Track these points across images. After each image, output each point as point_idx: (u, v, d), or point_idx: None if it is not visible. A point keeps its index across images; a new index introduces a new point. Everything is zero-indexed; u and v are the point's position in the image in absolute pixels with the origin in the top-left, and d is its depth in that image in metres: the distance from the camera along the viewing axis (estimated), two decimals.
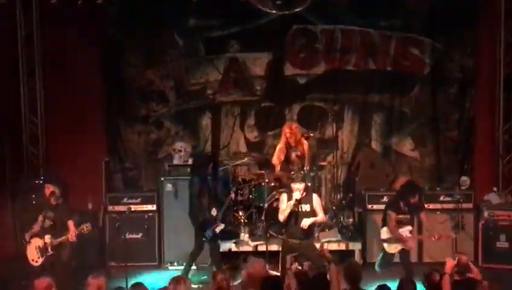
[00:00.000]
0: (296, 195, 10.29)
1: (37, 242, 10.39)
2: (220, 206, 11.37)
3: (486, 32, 12.93)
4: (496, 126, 12.97)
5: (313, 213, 10.41)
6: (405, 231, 10.60)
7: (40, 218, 10.43)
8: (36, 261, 10.36)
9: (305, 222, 10.27)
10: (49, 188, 10.48)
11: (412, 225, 10.70)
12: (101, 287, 7.97)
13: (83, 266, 11.08)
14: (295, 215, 10.34)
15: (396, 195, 10.96)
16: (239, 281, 9.77)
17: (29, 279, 10.05)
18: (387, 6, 12.89)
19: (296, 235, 10.35)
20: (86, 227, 10.25)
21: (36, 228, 10.45)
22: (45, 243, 10.29)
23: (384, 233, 10.72)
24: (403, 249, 10.63)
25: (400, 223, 10.59)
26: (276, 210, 10.90)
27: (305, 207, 10.38)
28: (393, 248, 10.66)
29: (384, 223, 10.73)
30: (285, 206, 10.40)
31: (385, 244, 10.72)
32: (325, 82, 13.23)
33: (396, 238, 10.56)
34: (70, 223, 10.27)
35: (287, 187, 10.91)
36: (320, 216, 10.54)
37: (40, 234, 10.38)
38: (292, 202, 10.26)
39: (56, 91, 12.99)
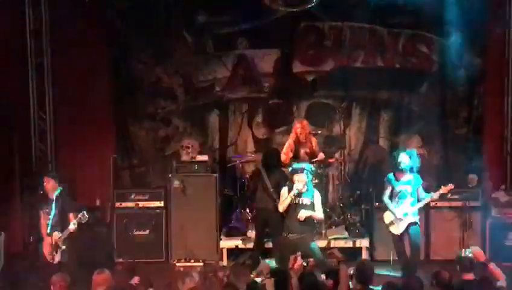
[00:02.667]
0: (298, 185, 10.30)
1: (48, 240, 10.40)
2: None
3: (495, 29, 12.88)
4: (505, 124, 12.95)
5: (312, 207, 10.43)
6: (406, 203, 10.61)
7: (42, 216, 10.43)
8: (53, 259, 10.36)
9: (302, 213, 10.27)
10: (48, 181, 10.46)
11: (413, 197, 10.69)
12: (106, 282, 8.01)
13: (90, 262, 11.11)
14: (295, 208, 10.34)
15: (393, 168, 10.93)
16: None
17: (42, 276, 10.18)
18: (395, 3, 12.86)
19: (296, 229, 10.34)
20: (82, 215, 10.14)
21: (44, 225, 10.47)
22: (55, 240, 10.30)
23: (387, 217, 10.76)
24: (409, 225, 10.61)
25: (402, 197, 10.61)
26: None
27: (306, 201, 10.39)
28: (400, 228, 10.67)
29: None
30: (284, 198, 10.42)
31: (391, 228, 10.74)
32: (333, 79, 13.22)
33: (393, 212, 10.60)
34: (71, 217, 10.24)
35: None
36: (318, 213, 10.55)
37: (50, 231, 10.38)
38: (292, 193, 10.28)
39: (64, 87, 13.01)
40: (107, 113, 13.16)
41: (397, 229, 10.66)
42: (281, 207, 10.47)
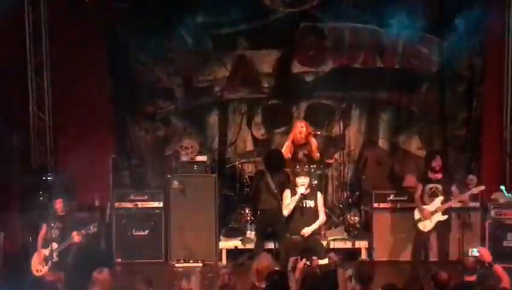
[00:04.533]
0: (301, 189, 10.34)
1: (42, 253, 10.40)
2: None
3: (495, 30, 12.88)
4: (504, 125, 12.95)
5: (316, 209, 10.46)
6: (437, 201, 10.77)
7: (44, 229, 10.45)
8: (40, 271, 10.37)
9: (306, 230, 10.40)
10: (59, 202, 10.53)
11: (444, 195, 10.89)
12: (106, 282, 8.00)
13: (89, 262, 11.10)
14: (299, 210, 10.38)
15: (424, 167, 11.19)
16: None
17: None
18: (395, 4, 12.87)
19: (299, 230, 10.39)
20: (93, 227, 10.29)
21: (40, 241, 10.48)
22: (51, 250, 10.30)
23: (416, 214, 10.90)
24: (438, 223, 10.79)
25: (433, 195, 10.83)
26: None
27: (310, 203, 10.46)
28: (427, 225, 10.79)
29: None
30: (288, 201, 10.45)
31: (418, 225, 10.87)
32: (333, 80, 13.21)
33: (421, 211, 10.81)
34: (74, 234, 10.27)
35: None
36: (321, 218, 10.61)
37: (47, 244, 10.39)
38: (297, 197, 10.31)
39: (64, 87, 13.02)
40: (106, 113, 13.15)
41: (425, 226, 10.80)
42: (286, 211, 10.54)
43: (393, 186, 12.59)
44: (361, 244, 11.85)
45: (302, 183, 10.45)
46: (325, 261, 9.74)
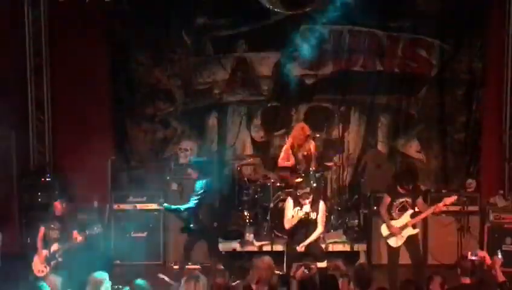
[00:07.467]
0: (306, 208, 10.33)
1: (43, 253, 10.40)
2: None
3: (495, 34, 12.88)
4: (503, 129, 12.95)
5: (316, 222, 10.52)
6: (407, 215, 10.51)
7: (42, 231, 10.46)
8: (43, 272, 10.37)
9: (301, 246, 10.38)
10: (59, 205, 10.54)
11: (413, 209, 10.54)
12: (101, 284, 8.01)
13: (87, 263, 11.09)
14: (302, 222, 10.39)
15: (394, 180, 10.89)
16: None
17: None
18: (395, 7, 12.88)
19: (302, 240, 10.41)
20: (97, 228, 10.32)
21: (40, 242, 10.49)
22: (53, 251, 10.31)
23: (385, 229, 10.68)
24: (408, 238, 10.52)
25: (402, 209, 10.50)
26: (281, 210, 10.96)
27: (312, 215, 10.44)
28: (399, 241, 10.59)
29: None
30: (290, 214, 10.44)
31: (388, 241, 10.64)
32: (333, 83, 13.21)
33: (389, 226, 10.47)
34: (75, 233, 10.28)
35: (293, 188, 10.94)
36: (319, 230, 10.60)
37: (47, 244, 10.39)
38: (301, 214, 10.31)
39: (63, 88, 13.02)
40: (105, 114, 13.14)
41: (396, 242, 10.58)
42: (288, 226, 10.53)
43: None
44: (360, 247, 11.84)
45: (306, 198, 10.42)
46: (323, 264, 9.76)
